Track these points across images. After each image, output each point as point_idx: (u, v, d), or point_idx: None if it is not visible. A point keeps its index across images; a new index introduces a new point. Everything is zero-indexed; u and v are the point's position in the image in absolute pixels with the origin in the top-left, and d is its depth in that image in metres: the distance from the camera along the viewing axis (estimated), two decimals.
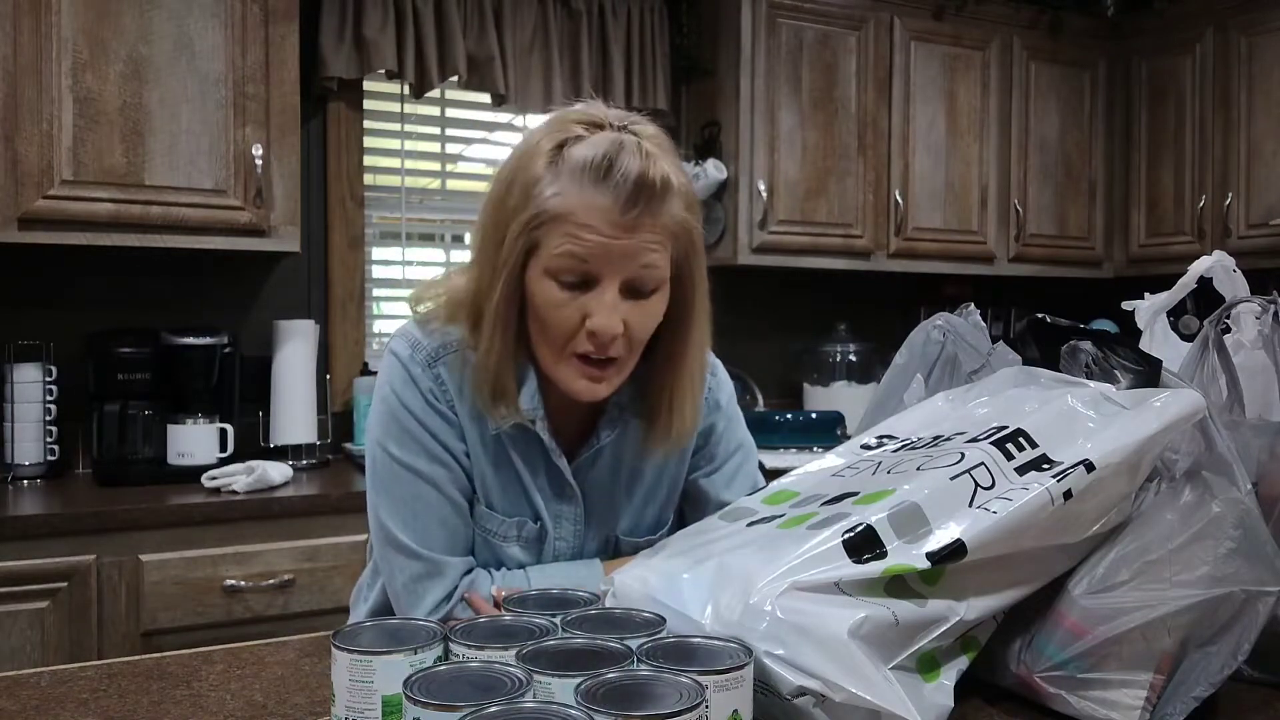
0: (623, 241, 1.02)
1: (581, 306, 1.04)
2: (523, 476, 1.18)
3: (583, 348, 1.06)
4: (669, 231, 1.06)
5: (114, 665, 1.01)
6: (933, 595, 0.82)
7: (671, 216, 1.06)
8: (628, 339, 1.06)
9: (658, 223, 1.04)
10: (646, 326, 1.08)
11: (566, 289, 1.04)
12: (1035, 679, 0.87)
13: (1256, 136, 3.21)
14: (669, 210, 1.06)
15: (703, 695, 0.65)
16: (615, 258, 1.03)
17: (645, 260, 1.04)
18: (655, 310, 1.08)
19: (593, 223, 1.02)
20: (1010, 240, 3.48)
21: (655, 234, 1.04)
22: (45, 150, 2.23)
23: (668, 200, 1.05)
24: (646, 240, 1.04)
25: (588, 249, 1.02)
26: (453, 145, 3.11)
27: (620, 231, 1.02)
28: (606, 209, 1.02)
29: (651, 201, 1.03)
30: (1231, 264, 1.20)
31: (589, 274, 1.04)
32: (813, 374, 3.45)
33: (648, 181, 1.02)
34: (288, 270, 2.81)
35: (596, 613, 0.86)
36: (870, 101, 3.24)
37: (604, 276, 1.04)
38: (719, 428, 1.30)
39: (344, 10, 2.70)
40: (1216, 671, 0.84)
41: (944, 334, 1.18)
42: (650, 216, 1.03)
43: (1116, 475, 0.87)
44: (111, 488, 2.34)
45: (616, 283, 1.04)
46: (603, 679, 0.68)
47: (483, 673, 0.70)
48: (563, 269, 1.04)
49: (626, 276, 1.04)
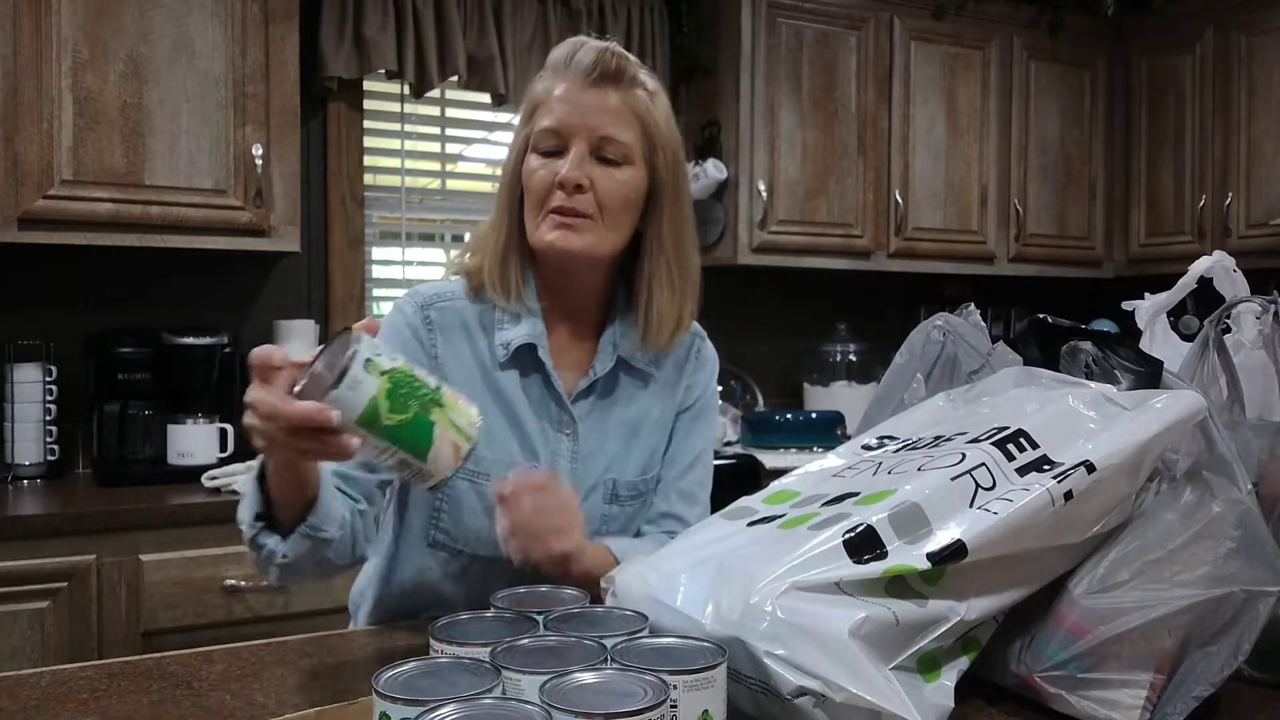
0: (586, 107, 1.19)
1: (555, 169, 1.19)
2: (519, 411, 1.24)
3: (555, 202, 1.19)
4: (634, 113, 1.21)
5: (114, 665, 1.01)
6: (933, 595, 0.82)
7: (640, 100, 1.22)
8: (596, 200, 1.19)
9: (619, 98, 1.20)
10: (612, 192, 1.20)
11: (544, 156, 1.21)
12: (1036, 679, 0.87)
13: (1256, 136, 3.21)
14: (635, 94, 1.21)
15: (666, 694, 0.65)
16: (579, 121, 1.19)
17: (608, 130, 1.19)
18: (623, 180, 1.20)
19: (562, 95, 1.20)
20: (1010, 240, 3.48)
21: (620, 107, 1.20)
22: (45, 150, 2.23)
23: (628, 83, 1.21)
24: (611, 110, 1.19)
25: (556, 117, 1.20)
26: (453, 145, 3.11)
27: (584, 98, 1.19)
28: (571, 80, 1.20)
29: (609, 74, 1.19)
30: (1231, 264, 1.20)
31: (560, 142, 1.20)
32: (813, 374, 3.45)
33: (604, 60, 1.19)
34: (288, 270, 2.81)
35: (579, 611, 0.87)
36: (870, 101, 3.24)
37: (572, 140, 1.19)
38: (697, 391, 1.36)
39: (344, 10, 2.70)
40: (1217, 671, 0.84)
41: (944, 334, 1.18)
42: (613, 88, 1.20)
43: (1117, 476, 0.87)
44: (111, 488, 2.34)
45: (584, 144, 1.19)
46: (568, 677, 0.69)
47: (454, 669, 0.71)
48: (540, 140, 1.21)
49: (591, 140, 1.19)
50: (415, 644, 1.07)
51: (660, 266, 1.26)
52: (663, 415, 1.33)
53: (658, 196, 1.24)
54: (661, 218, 1.25)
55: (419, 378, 0.86)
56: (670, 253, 1.26)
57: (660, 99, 1.25)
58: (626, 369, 1.30)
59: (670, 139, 1.25)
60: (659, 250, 1.26)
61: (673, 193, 1.25)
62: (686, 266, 1.28)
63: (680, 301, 1.28)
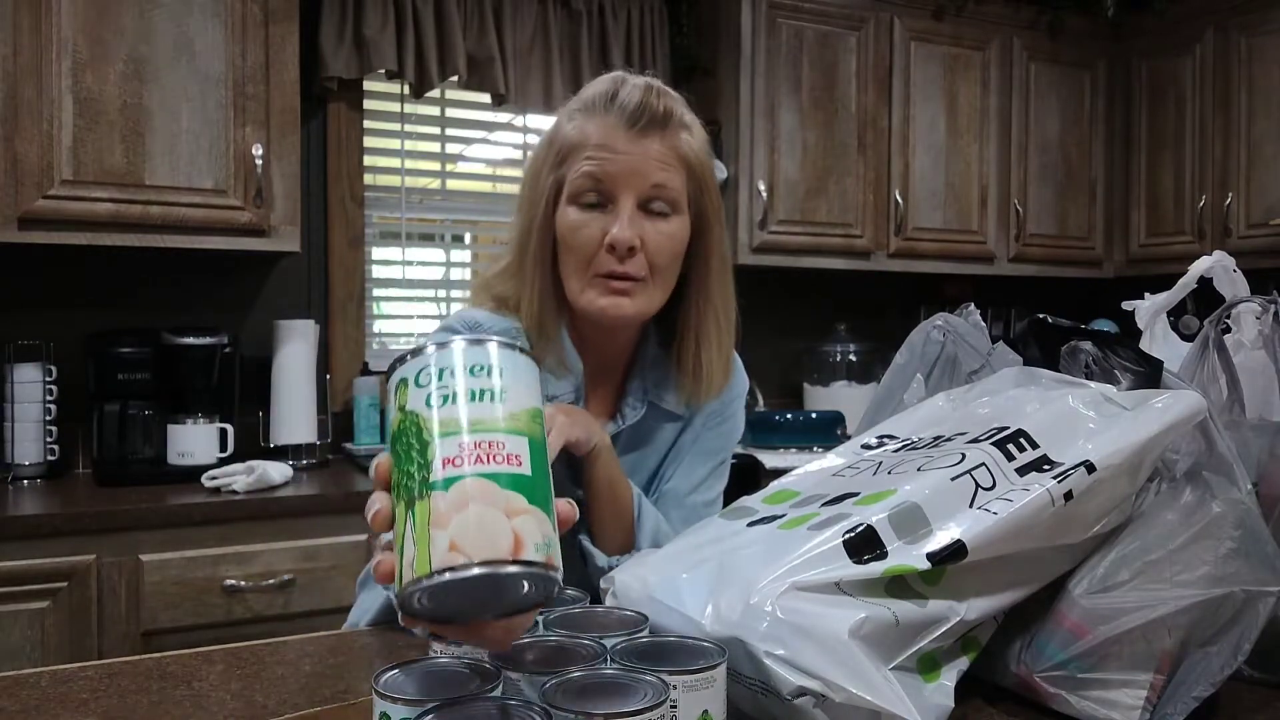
0: (633, 156, 1.10)
1: (602, 225, 1.10)
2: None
3: (605, 267, 1.11)
4: (681, 157, 1.12)
5: (114, 665, 1.01)
6: (933, 596, 0.82)
7: (685, 143, 1.13)
8: (647, 259, 1.11)
9: (667, 143, 1.11)
10: (664, 248, 1.12)
11: (587, 210, 1.11)
12: (1036, 679, 0.87)
13: (1256, 136, 3.21)
14: (680, 137, 1.13)
15: (666, 694, 0.65)
16: (627, 173, 1.10)
17: (657, 179, 1.10)
18: (672, 232, 1.12)
19: (604, 142, 1.10)
20: (1010, 240, 3.48)
21: (666, 152, 1.11)
22: (45, 150, 2.23)
23: (674, 126, 1.12)
24: (657, 156, 1.10)
25: (601, 166, 1.10)
26: (453, 145, 3.11)
27: (630, 146, 1.10)
28: (614, 127, 1.10)
29: (656, 120, 1.10)
30: (1231, 264, 1.19)
31: (605, 193, 1.11)
32: (813, 374, 3.45)
33: (650, 102, 1.10)
34: (288, 270, 2.81)
35: (579, 611, 0.87)
36: (870, 101, 3.24)
37: (619, 194, 1.10)
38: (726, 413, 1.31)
39: (344, 10, 2.70)
40: (1217, 671, 0.84)
41: (944, 334, 1.18)
42: (659, 134, 1.11)
43: (1117, 476, 0.87)
44: (111, 488, 2.34)
45: (632, 199, 1.10)
46: (567, 677, 0.68)
47: (454, 669, 0.71)
48: (581, 190, 1.11)
49: (641, 193, 1.10)
50: (415, 644, 1.07)
51: (709, 318, 1.18)
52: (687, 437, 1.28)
53: (704, 237, 1.17)
54: (708, 263, 1.17)
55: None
56: (717, 300, 1.19)
57: (698, 132, 1.16)
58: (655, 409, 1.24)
59: (712, 174, 1.17)
60: (705, 300, 1.18)
61: (718, 233, 1.18)
62: (731, 310, 1.21)
63: (728, 352, 1.22)
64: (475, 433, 0.60)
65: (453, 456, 0.59)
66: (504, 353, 0.63)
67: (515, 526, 0.58)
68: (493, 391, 0.61)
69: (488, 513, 0.58)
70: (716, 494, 1.30)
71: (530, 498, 0.59)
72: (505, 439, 0.60)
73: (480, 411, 0.60)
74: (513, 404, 0.62)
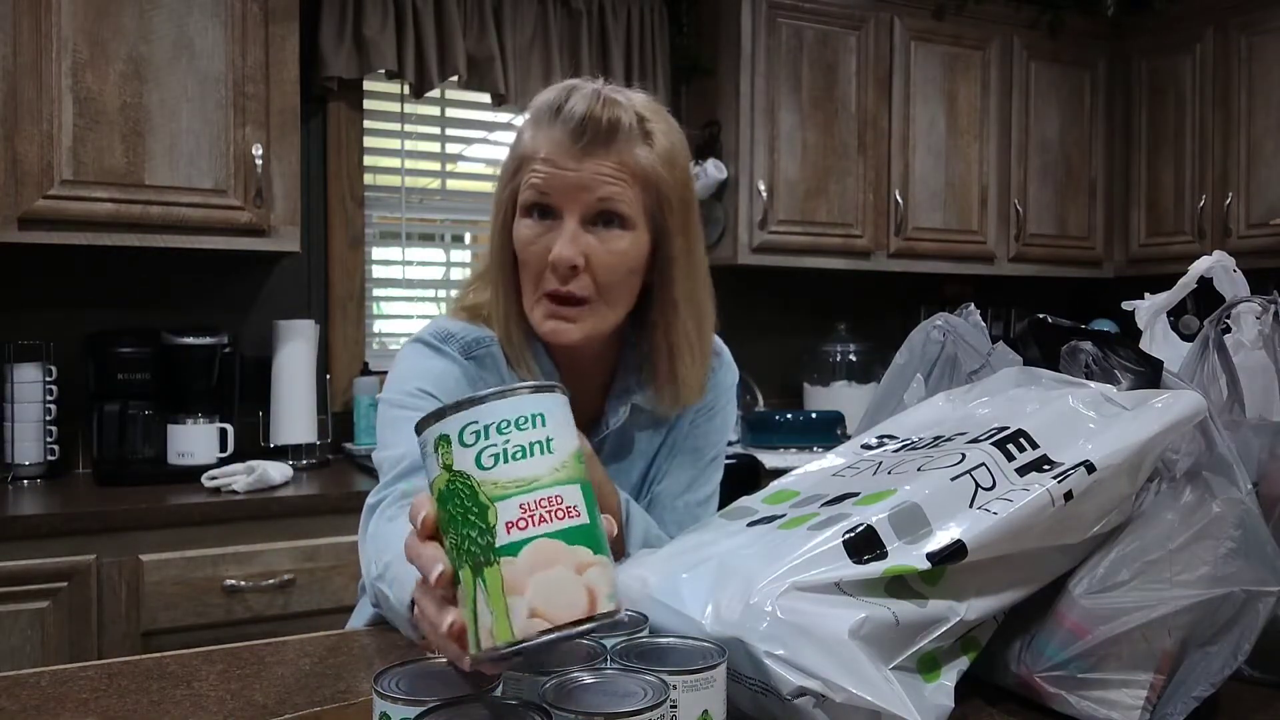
0: (576, 172, 1.06)
1: (548, 242, 1.08)
2: None
3: (550, 285, 1.09)
4: (632, 172, 1.08)
5: (114, 665, 1.01)
6: (933, 596, 0.82)
7: (635, 158, 1.08)
8: (592, 277, 1.08)
9: (614, 158, 1.07)
10: (611, 265, 1.09)
11: (535, 222, 1.09)
12: (1036, 679, 0.87)
13: (1256, 136, 3.21)
14: (629, 150, 1.08)
15: (666, 694, 0.65)
16: (571, 188, 1.07)
17: (602, 193, 1.07)
18: (623, 250, 1.09)
19: (549, 155, 1.07)
20: (1010, 240, 3.48)
21: (611, 168, 1.07)
22: (45, 150, 2.23)
23: (624, 138, 1.07)
24: (602, 173, 1.07)
25: (546, 181, 1.07)
26: (453, 145, 3.11)
27: (573, 162, 1.06)
28: (559, 141, 1.07)
29: (599, 135, 1.06)
30: (1231, 264, 1.19)
31: (550, 206, 1.08)
32: (813, 374, 3.45)
33: (596, 115, 1.06)
34: (288, 270, 2.81)
35: None
36: (870, 101, 3.24)
37: (564, 209, 1.08)
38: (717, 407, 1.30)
39: (344, 10, 2.70)
40: (1217, 671, 0.84)
41: (944, 334, 1.18)
42: (603, 149, 1.07)
43: (1117, 476, 0.87)
44: (111, 488, 2.34)
45: (576, 214, 1.07)
46: (568, 677, 0.68)
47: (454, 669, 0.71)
48: (528, 202, 1.09)
49: (586, 208, 1.07)
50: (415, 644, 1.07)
51: (677, 330, 1.15)
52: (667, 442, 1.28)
53: (667, 247, 1.12)
54: (674, 272, 1.13)
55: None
56: (684, 311, 1.15)
57: (661, 140, 1.10)
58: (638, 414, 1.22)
59: (677, 182, 1.12)
60: (673, 310, 1.14)
61: (684, 241, 1.13)
62: (704, 316, 1.18)
63: (704, 357, 1.19)
64: (532, 491, 0.61)
65: (515, 520, 0.60)
66: (543, 399, 0.64)
67: (588, 582, 0.61)
68: (540, 444, 0.62)
69: (561, 575, 0.60)
70: (711, 491, 1.30)
71: (594, 547, 0.62)
72: (561, 491, 0.61)
73: (533, 469, 0.61)
74: (561, 452, 0.63)
